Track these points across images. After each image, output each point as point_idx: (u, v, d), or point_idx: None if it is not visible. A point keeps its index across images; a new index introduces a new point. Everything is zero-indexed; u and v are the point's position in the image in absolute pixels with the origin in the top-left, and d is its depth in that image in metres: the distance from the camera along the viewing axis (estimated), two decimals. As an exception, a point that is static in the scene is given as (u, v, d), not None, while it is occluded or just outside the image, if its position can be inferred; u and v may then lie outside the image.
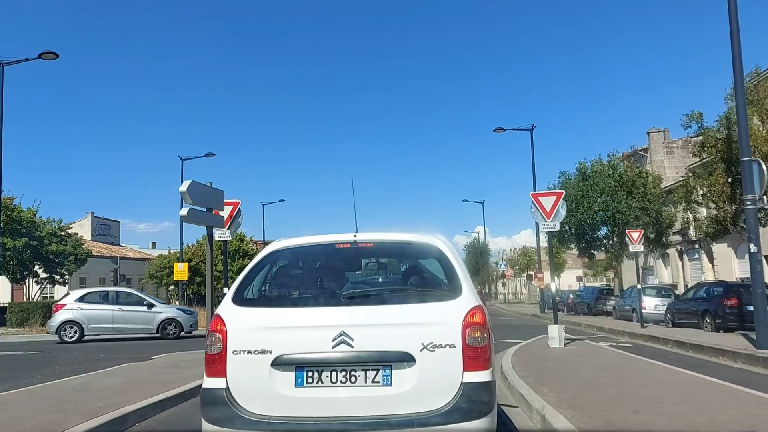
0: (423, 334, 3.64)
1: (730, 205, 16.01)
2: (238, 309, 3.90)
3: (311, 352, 3.63)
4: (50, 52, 21.25)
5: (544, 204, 13.33)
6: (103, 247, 59.88)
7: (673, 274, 41.71)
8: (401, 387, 3.59)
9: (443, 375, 3.59)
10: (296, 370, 3.64)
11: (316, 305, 3.94)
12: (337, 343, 3.62)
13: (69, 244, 35.23)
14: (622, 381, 7.94)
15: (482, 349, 3.67)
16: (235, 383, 3.67)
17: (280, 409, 3.59)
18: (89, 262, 52.10)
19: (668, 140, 45.49)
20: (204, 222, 12.56)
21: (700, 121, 17.32)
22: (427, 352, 3.61)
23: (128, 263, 59.01)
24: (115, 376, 9.57)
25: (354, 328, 3.65)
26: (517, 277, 79.44)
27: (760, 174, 11.87)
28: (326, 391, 3.61)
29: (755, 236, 11.78)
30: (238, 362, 3.68)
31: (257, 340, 3.68)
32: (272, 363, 3.63)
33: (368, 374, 3.62)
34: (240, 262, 64.07)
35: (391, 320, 3.73)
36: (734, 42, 12.24)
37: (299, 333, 3.71)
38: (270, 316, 3.85)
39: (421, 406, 3.54)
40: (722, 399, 6.51)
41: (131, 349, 15.75)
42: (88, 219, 62.82)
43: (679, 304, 20.52)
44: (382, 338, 3.65)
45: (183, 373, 9.65)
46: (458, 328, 3.66)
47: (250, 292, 4.15)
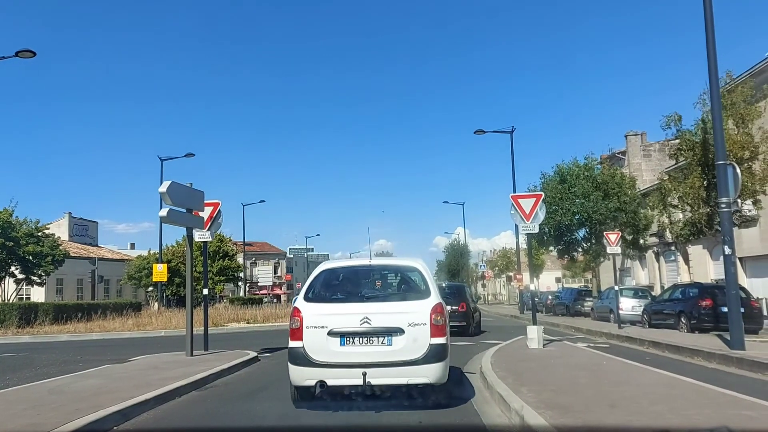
0: (408, 318, 6.70)
1: (705, 208, 16.25)
2: (307, 303, 7.01)
3: (348, 327, 6.67)
4: (27, 50, 20.94)
5: (524, 206, 13.44)
6: (81, 248, 59.08)
7: (650, 276, 42.23)
8: (397, 346, 6.65)
9: (420, 340, 6.64)
10: (340, 337, 6.66)
11: (349, 301, 7.12)
12: (362, 322, 6.66)
13: (46, 244, 34.71)
14: (599, 381, 8.05)
15: (441, 327, 6.75)
16: (307, 344, 6.70)
17: (332, 358, 6.60)
18: (67, 263, 51.41)
19: (645, 143, 46.05)
20: (184, 223, 12.52)
21: (678, 124, 17.56)
22: (411, 327, 6.66)
23: (106, 264, 58.31)
24: (93, 378, 9.48)
25: (371, 314, 6.70)
26: (496, 278, 79.89)
27: (734, 177, 12.10)
28: (356, 348, 6.66)
29: (729, 239, 11.99)
30: (308, 333, 6.72)
31: (318, 321, 6.73)
32: (327, 333, 6.65)
33: (379, 339, 6.68)
34: (220, 262, 63.75)
35: (391, 310, 6.89)
36: (709, 46, 12.46)
37: (341, 317, 6.75)
38: (324, 307, 6.96)
39: (408, 356, 6.60)
40: (697, 399, 6.63)
41: (112, 350, 15.60)
42: (66, 219, 61.96)
43: (655, 306, 20.79)
44: (386, 320, 6.69)
45: (162, 374, 9.59)
46: (427, 315, 6.74)
47: (312, 293, 7.23)
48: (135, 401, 7.02)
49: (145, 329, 22.77)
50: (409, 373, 6.62)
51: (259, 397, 8.25)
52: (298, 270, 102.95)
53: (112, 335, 21.48)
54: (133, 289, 56.99)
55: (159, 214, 11.32)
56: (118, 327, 23.04)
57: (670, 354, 13.28)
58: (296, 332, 6.85)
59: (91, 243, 64.36)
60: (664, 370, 9.26)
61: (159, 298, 43.00)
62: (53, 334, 21.89)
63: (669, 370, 9.31)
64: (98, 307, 28.94)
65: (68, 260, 51.84)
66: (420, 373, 6.63)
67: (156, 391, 7.70)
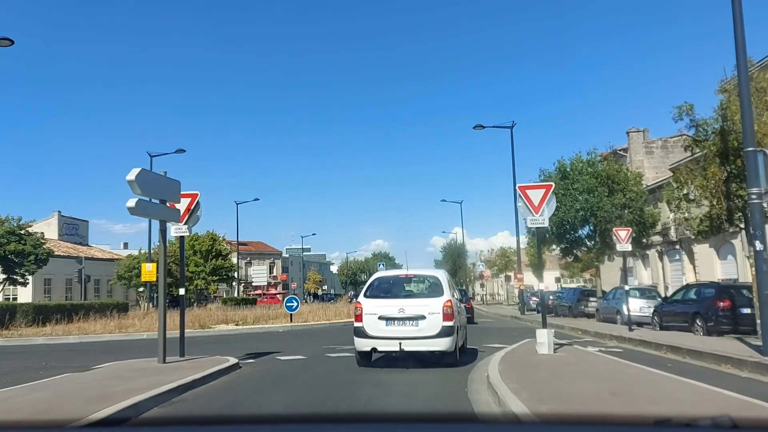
0: (429, 309, 10.33)
1: (725, 202, 15.07)
2: (365, 299, 10.87)
3: (391, 314, 10.36)
4: (4, 38, 19.72)
5: (532, 197, 12.27)
6: (71, 247, 57.76)
7: (653, 276, 41.10)
8: (421, 327, 10.24)
9: (435, 323, 10.21)
10: (386, 320, 10.37)
11: (392, 298, 10.81)
12: (399, 311, 10.37)
13: (28, 243, 33.43)
14: (632, 397, 6.88)
15: (449, 315, 10.28)
16: (366, 324, 10.50)
17: (380, 333, 10.39)
18: (55, 262, 50.00)
19: (648, 140, 44.96)
20: (156, 215, 11.31)
21: (691, 113, 16.33)
22: (430, 315, 10.25)
23: (96, 264, 56.92)
24: (44, 390, 8.27)
25: (405, 306, 10.46)
26: (494, 277, 78.71)
27: (766, 165, 10.91)
28: (396, 327, 10.34)
29: (761, 233, 10.82)
30: (366, 317, 10.50)
31: (372, 310, 10.53)
32: (377, 317, 10.40)
33: (410, 322, 10.30)
34: (213, 262, 62.45)
35: (418, 303, 10.60)
36: (737, 23, 11.30)
37: (386, 307, 10.48)
38: (376, 301, 10.71)
39: (428, 333, 10.20)
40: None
41: (84, 355, 14.39)
42: (55, 218, 60.67)
43: (667, 306, 19.62)
44: (415, 310, 10.37)
45: (126, 385, 8.39)
46: (441, 307, 10.33)
47: (369, 292, 11.04)
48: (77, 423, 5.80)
49: (127, 331, 21.54)
50: (429, 344, 10.30)
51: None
52: (294, 270, 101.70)
53: (91, 338, 20.24)
54: (124, 289, 55.66)
55: (126, 205, 10.09)
56: (99, 329, 21.79)
57: (692, 360, 12.12)
58: (359, 317, 10.67)
59: (81, 242, 63.03)
60: (697, 381, 8.10)
61: (148, 298, 41.68)
62: (28, 336, 20.62)
63: (703, 381, 8.15)
64: (81, 307, 27.63)
65: (57, 260, 50.50)
66: (436, 344, 10.30)
67: (106, 410, 6.49)
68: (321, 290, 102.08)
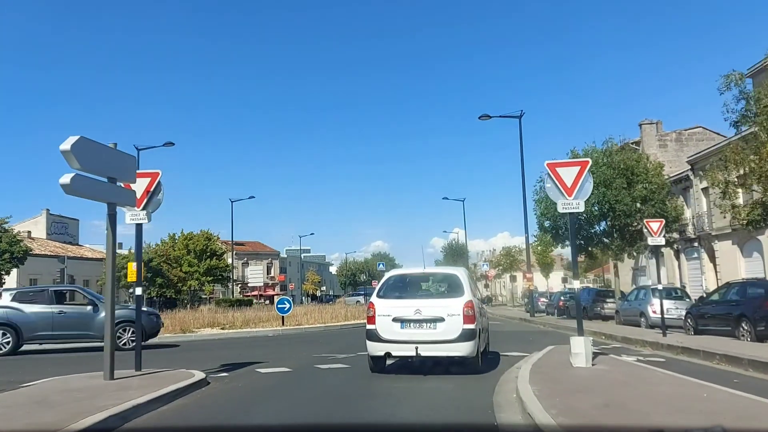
0: (447, 310, 9.50)
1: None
2: (378, 299, 10.01)
3: (406, 316, 9.53)
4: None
5: (564, 177, 10.14)
6: (59, 247, 55.71)
7: (669, 275, 38.92)
8: (439, 329, 9.41)
9: (455, 326, 9.39)
10: (401, 322, 9.55)
11: (408, 298, 9.98)
12: (415, 312, 9.50)
13: (4, 240, 31.31)
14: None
15: (470, 317, 9.45)
16: (379, 327, 9.68)
17: (395, 337, 9.54)
18: (42, 261, 48.05)
19: (661, 132, 42.86)
20: (102, 196, 9.06)
21: (741, 83, 14.13)
22: (449, 317, 9.42)
23: (85, 264, 54.95)
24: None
25: (422, 307, 9.57)
26: (496, 278, 76.57)
27: None
28: (411, 330, 9.50)
29: None
30: (380, 319, 9.69)
31: (386, 311, 9.72)
32: (392, 319, 9.58)
33: (427, 325, 9.45)
34: (208, 262, 60.28)
35: (435, 304, 9.69)
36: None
37: (402, 308, 9.65)
38: (390, 302, 9.90)
39: (447, 337, 9.35)
40: None
41: (26, 367, 12.23)
42: (43, 216, 58.58)
43: (703, 308, 17.45)
44: (432, 311, 9.50)
45: (41, 415, 6.27)
46: (461, 308, 9.49)
47: (382, 292, 10.23)
48: None
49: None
50: (448, 349, 9.37)
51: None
52: (292, 270, 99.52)
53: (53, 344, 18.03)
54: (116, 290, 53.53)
55: (59, 182, 7.95)
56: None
57: (761, 374, 9.96)
58: (371, 318, 9.79)
59: (71, 241, 60.96)
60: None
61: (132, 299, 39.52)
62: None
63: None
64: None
65: (44, 259, 48.54)
66: (455, 349, 9.37)
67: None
68: (320, 291, 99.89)
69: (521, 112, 32.25)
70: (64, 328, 15.77)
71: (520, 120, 32.32)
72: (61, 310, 15.95)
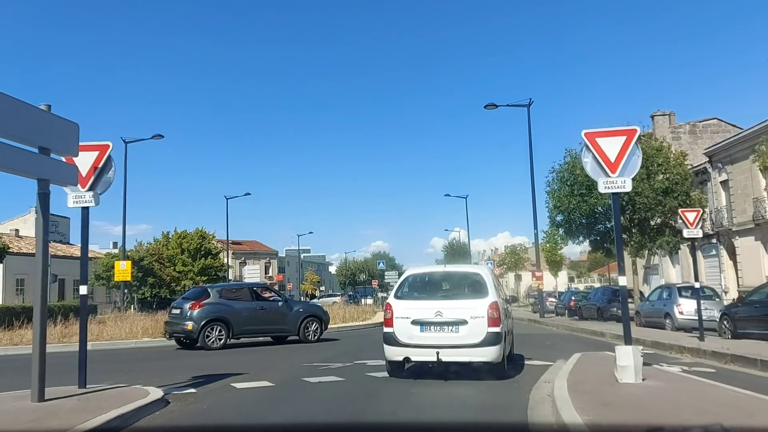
0: (471, 312, 8.82)
1: None
2: (396, 300, 9.39)
3: (426, 318, 8.88)
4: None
5: (606, 149, 8.30)
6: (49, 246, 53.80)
7: (684, 274, 37.05)
8: (462, 333, 8.75)
9: (479, 329, 8.70)
10: (420, 325, 8.90)
11: (427, 299, 9.41)
12: (436, 314, 8.85)
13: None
14: None
15: (495, 319, 8.77)
16: (397, 330, 9.03)
17: (414, 340, 8.89)
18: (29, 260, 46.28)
19: (674, 124, 41.05)
20: (27, 170, 7.19)
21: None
22: (473, 319, 8.74)
23: (74, 263, 52.99)
24: None
25: (443, 309, 8.91)
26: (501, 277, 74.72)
27: None
28: (432, 334, 8.86)
29: None
30: (397, 321, 9.05)
31: (404, 313, 9.05)
32: (410, 322, 8.94)
33: (448, 328, 8.82)
34: (202, 261, 58.27)
35: (458, 306, 8.99)
36: None
37: (421, 310, 9.02)
38: (409, 303, 9.28)
39: (470, 341, 8.68)
40: None
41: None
42: (32, 215, 56.65)
43: (744, 309, 15.57)
44: (454, 313, 8.86)
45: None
46: (485, 310, 8.79)
47: (400, 292, 9.59)
48: None
49: (70, 341, 17.49)
50: (471, 354, 8.78)
51: None
52: (291, 270, 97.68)
53: (18, 349, 16.29)
54: (104, 290, 51.78)
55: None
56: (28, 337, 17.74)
57: None
58: (388, 321, 9.23)
59: (61, 240, 59.03)
60: None
61: (122, 300, 37.68)
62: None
63: None
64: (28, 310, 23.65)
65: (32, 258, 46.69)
66: (479, 354, 8.76)
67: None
68: (319, 291, 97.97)
69: (530, 100, 30.43)
70: (263, 323, 16.55)
71: (529, 109, 30.52)
72: (261, 306, 16.72)
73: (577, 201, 23.38)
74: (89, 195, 8.23)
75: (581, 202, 23.27)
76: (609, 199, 22.59)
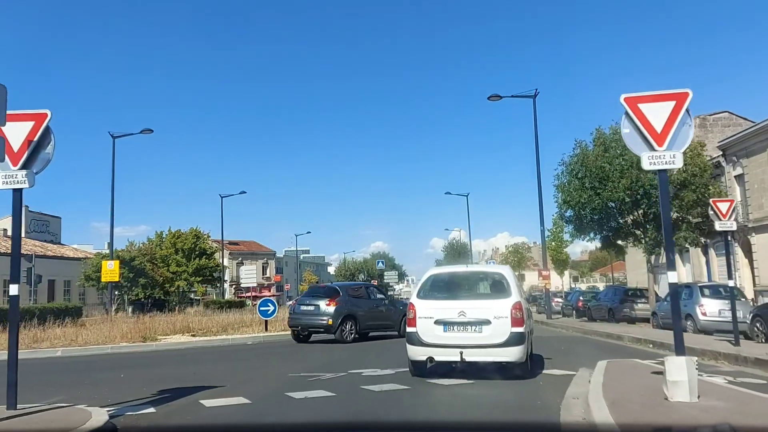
0: (494, 312, 8.80)
1: None
2: (419, 300, 9.38)
3: (449, 318, 8.89)
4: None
5: (650, 117, 6.82)
6: (38, 245, 52.24)
7: (694, 273, 35.56)
8: (485, 333, 8.72)
9: (503, 329, 8.70)
10: (443, 325, 8.91)
11: (450, 299, 9.34)
12: (459, 314, 8.85)
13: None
14: None
15: (519, 319, 8.77)
16: (420, 329, 9.02)
17: (437, 340, 8.86)
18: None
19: (684, 118, 39.55)
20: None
21: None
22: (496, 319, 8.74)
23: (66, 264, 51.48)
24: None
25: (466, 309, 8.89)
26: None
27: None
28: (455, 333, 8.85)
29: None
30: (420, 321, 9.06)
31: (427, 313, 9.05)
32: (434, 322, 8.94)
33: (472, 328, 8.82)
34: (197, 261, 56.74)
35: (481, 306, 9.02)
36: None
37: (444, 310, 9.01)
38: (432, 303, 9.25)
39: (494, 341, 8.65)
40: None
41: None
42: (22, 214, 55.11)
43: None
44: (477, 313, 8.84)
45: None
46: (509, 310, 8.78)
47: (423, 293, 9.57)
48: None
49: (39, 346, 16.04)
50: (495, 354, 8.74)
51: None
52: (289, 271, 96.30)
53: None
54: (96, 291, 50.20)
55: None
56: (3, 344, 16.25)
57: None
58: (411, 321, 9.22)
59: (52, 240, 57.50)
60: None
61: (111, 301, 36.16)
62: None
63: None
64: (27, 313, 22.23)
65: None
66: (503, 354, 8.71)
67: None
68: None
69: (536, 91, 29.05)
70: (378, 319, 17.75)
71: (534, 100, 29.15)
72: (377, 304, 18.09)
73: (589, 195, 21.92)
74: (22, 174, 6.75)
75: (593, 196, 21.80)
76: (627, 191, 21.13)
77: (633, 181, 21.14)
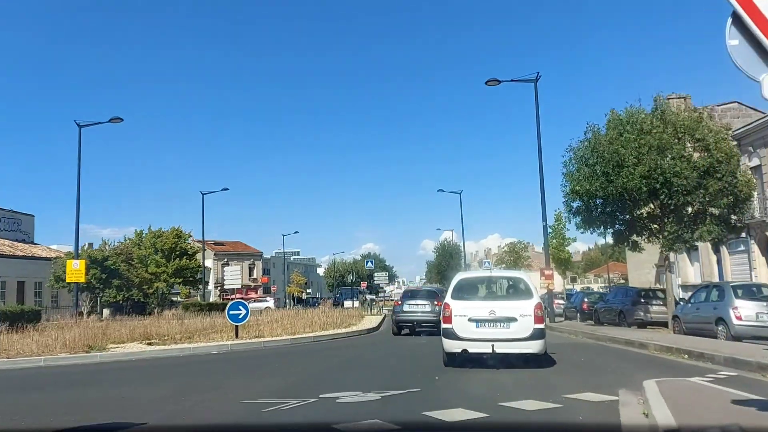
0: (520, 311, 10.22)
1: None
2: (453, 300, 10.69)
3: (481, 316, 10.28)
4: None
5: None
6: (7, 245, 49.43)
7: (704, 272, 33.38)
8: (512, 329, 10.16)
9: (527, 325, 10.17)
10: (476, 322, 10.30)
11: (481, 300, 11.00)
12: (490, 313, 10.24)
13: None
14: None
15: (540, 317, 10.30)
16: (455, 326, 10.42)
17: (471, 335, 10.29)
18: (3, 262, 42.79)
19: (690, 108, 37.32)
20: None
21: None
22: (521, 317, 10.16)
23: (38, 264, 48.64)
24: None
25: (496, 308, 10.31)
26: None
27: None
28: (486, 329, 10.24)
29: None
30: (455, 319, 10.43)
31: (462, 311, 10.45)
32: (467, 319, 10.33)
33: (501, 324, 10.20)
34: (177, 262, 54.08)
35: (508, 305, 10.46)
36: None
37: (477, 309, 10.43)
38: (466, 303, 10.65)
39: (519, 335, 10.12)
40: None
41: None
42: (11, 214, 52.35)
43: None
44: (505, 312, 10.25)
45: None
46: (532, 309, 10.27)
47: (455, 294, 10.82)
48: None
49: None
50: (521, 347, 10.17)
51: None
52: (276, 272, 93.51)
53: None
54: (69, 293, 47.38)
55: None
56: None
57: None
58: (447, 318, 10.53)
59: (24, 239, 54.57)
60: None
61: (76, 303, 33.47)
62: None
63: None
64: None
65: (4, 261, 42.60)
66: (527, 347, 10.18)
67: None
68: (306, 294, 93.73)
69: (537, 74, 26.78)
70: (427, 322, 19.57)
71: (536, 84, 26.93)
72: (424, 306, 20.01)
73: (601, 182, 19.51)
74: None
75: (605, 184, 19.40)
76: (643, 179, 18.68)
77: (651, 168, 18.75)
